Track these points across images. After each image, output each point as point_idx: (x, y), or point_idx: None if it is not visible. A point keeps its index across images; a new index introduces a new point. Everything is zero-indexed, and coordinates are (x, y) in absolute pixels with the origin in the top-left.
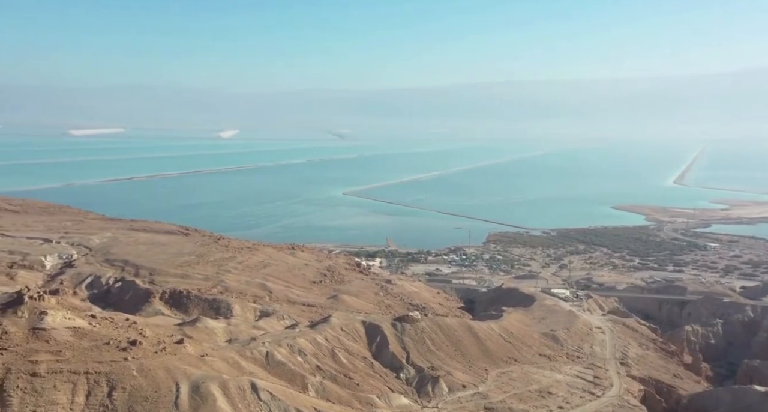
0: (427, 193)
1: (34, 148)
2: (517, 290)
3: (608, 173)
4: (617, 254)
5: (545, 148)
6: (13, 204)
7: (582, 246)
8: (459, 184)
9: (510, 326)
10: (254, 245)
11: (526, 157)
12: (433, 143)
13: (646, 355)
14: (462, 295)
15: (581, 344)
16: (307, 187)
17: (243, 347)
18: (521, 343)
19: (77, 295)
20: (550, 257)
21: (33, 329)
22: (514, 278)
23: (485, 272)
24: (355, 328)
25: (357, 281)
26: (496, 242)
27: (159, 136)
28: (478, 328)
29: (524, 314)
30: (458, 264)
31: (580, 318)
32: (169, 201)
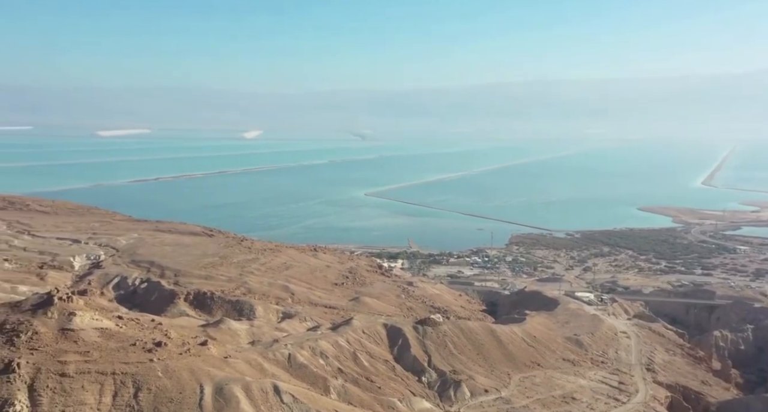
0: (449, 194)
1: (63, 149)
2: (540, 294)
3: (634, 174)
4: (643, 257)
5: (570, 149)
6: (44, 205)
7: (607, 248)
8: (482, 185)
9: (533, 330)
10: (277, 247)
11: (550, 158)
12: (456, 144)
13: (673, 361)
14: (484, 297)
15: (606, 349)
16: (329, 187)
17: (265, 349)
18: (544, 347)
19: (104, 295)
20: (574, 259)
21: (62, 329)
22: (537, 280)
23: (508, 275)
24: (376, 331)
25: (379, 283)
26: (518, 244)
27: (184, 137)
28: (501, 332)
29: (547, 317)
30: (480, 266)
31: (604, 322)
32: (194, 202)
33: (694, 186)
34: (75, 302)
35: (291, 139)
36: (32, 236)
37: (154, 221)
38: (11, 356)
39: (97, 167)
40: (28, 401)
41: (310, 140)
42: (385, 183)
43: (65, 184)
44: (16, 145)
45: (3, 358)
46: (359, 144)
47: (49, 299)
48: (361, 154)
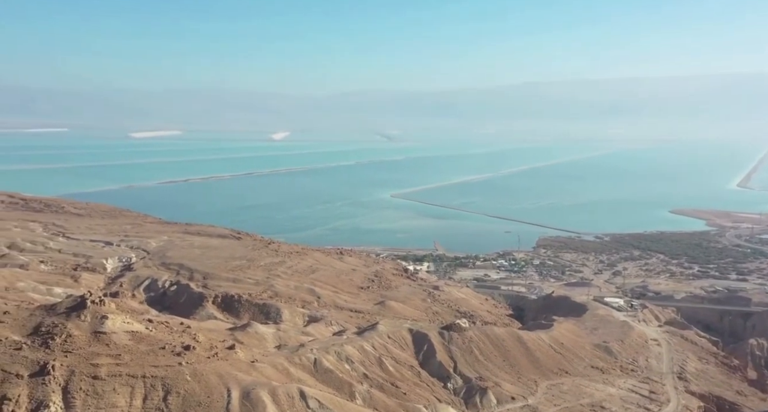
0: (476, 195)
1: (97, 150)
2: (569, 299)
3: (667, 175)
4: (675, 261)
5: (601, 150)
6: (78, 207)
7: (637, 252)
8: (509, 186)
9: (561, 337)
10: (303, 250)
11: (580, 159)
12: (483, 144)
13: (706, 369)
14: (511, 302)
15: (636, 356)
16: (355, 189)
17: (292, 353)
18: (572, 354)
19: (135, 297)
20: (603, 263)
21: (95, 332)
22: (564, 285)
23: (535, 279)
24: (402, 336)
25: (404, 286)
26: (546, 247)
27: (214, 138)
28: (528, 338)
29: (575, 324)
30: (507, 269)
31: (634, 329)
32: (223, 203)
33: (729, 188)
34: (107, 305)
35: (318, 141)
36: (67, 238)
37: (183, 223)
38: (46, 358)
39: (130, 169)
40: (62, 402)
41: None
42: (412, 184)
43: (99, 185)
44: (53, 147)
45: (38, 360)
46: (386, 145)
47: (82, 302)
48: (388, 155)
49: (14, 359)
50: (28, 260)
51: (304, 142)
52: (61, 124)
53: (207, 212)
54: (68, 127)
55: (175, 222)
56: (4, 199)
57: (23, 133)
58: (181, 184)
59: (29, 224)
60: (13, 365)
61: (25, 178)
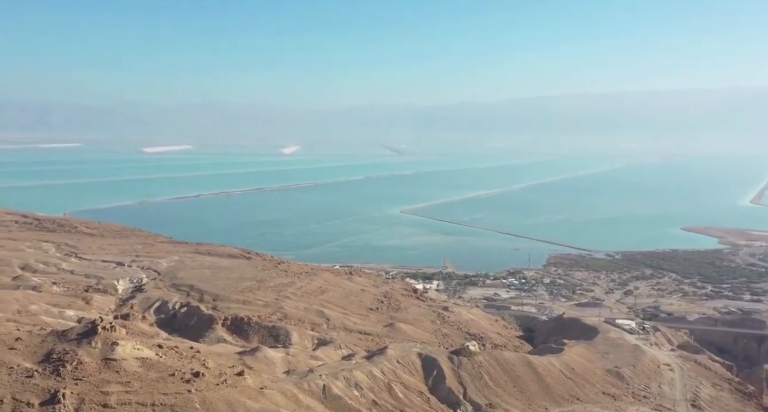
0: (485, 211)
1: (111, 165)
2: (579, 321)
3: (678, 191)
4: (687, 280)
5: (611, 164)
6: (91, 227)
7: (649, 271)
8: (519, 202)
9: (571, 362)
10: (312, 270)
11: (590, 174)
12: (493, 159)
13: (720, 396)
14: (521, 322)
15: (648, 382)
16: (365, 204)
17: (301, 379)
18: (584, 380)
19: (146, 320)
20: (614, 282)
21: (105, 359)
22: (575, 305)
23: (545, 298)
24: (411, 361)
25: (413, 308)
26: (557, 265)
27: (224, 153)
28: (538, 363)
29: (586, 348)
30: (517, 288)
31: (647, 354)
32: (234, 219)
33: (743, 204)
34: (118, 331)
35: (328, 155)
36: (79, 258)
37: (194, 243)
38: (57, 386)
39: (142, 184)
40: None
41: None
42: (421, 200)
43: (112, 201)
44: (67, 162)
45: (49, 388)
46: (395, 159)
47: (93, 328)
48: (398, 169)
49: (25, 386)
50: (41, 281)
51: (314, 156)
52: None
53: (218, 228)
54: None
55: (186, 242)
56: (18, 219)
57: (38, 148)
58: (192, 200)
59: (42, 245)
60: (24, 393)
61: (40, 193)
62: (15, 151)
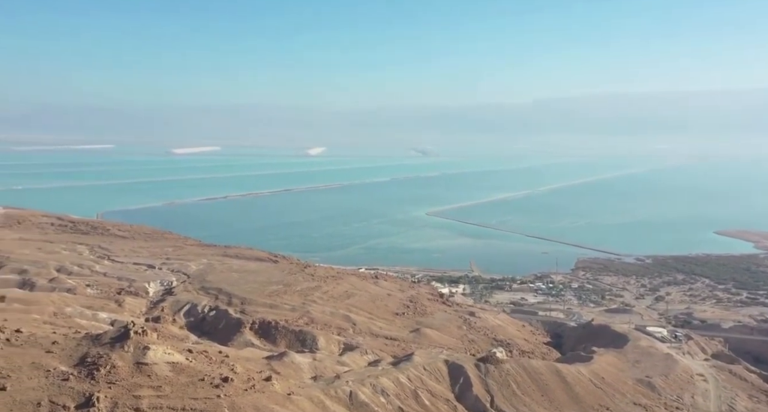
0: (512, 213)
1: (141, 166)
2: (609, 328)
3: (711, 194)
4: (721, 286)
5: (642, 166)
6: (123, 230)
7: (681, 276)
8: (547, 204)
9: (601, 371)
10: (339, 274)
11: (619, 176)
12: (520, 160)
13: (757, 409)
14: (549, 328)
15: (681, 393)
16: (391, 206)
17: (327, 385)
18: (613, 390)
19: (176, 322)
20: (645, 287)
21: (137, 363)
22: (604, 310)
23: (573, 303)
24: (437, 367)
25: (440, 313)
26: (585, 269)
27: (252, 154)
28: (567, 372)
29: (616, 356)
30: (545, 293)
31: (679, 363)
32: (260, 221)
33: None
34: (149, 335)
35: (354, 156)
36: (112, 261)
37: (222, 246)
38: (91, 389)
39: (171, 185)
40: None
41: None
42: (448, 202)
43: (142, 202)
44: (100, 164)
45: (84, 391)
46: (421, 160)
47: (125, 333)
48: (424, 171)
49: (62, 390)
50: (76, 283)
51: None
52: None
53: (245, 229)
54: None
55: (215, 244)
56: (54, 222)
57: (72, 149)
58: (220, 201)
59: (77, 247)
60: (60, 396)
61: (74, 194)
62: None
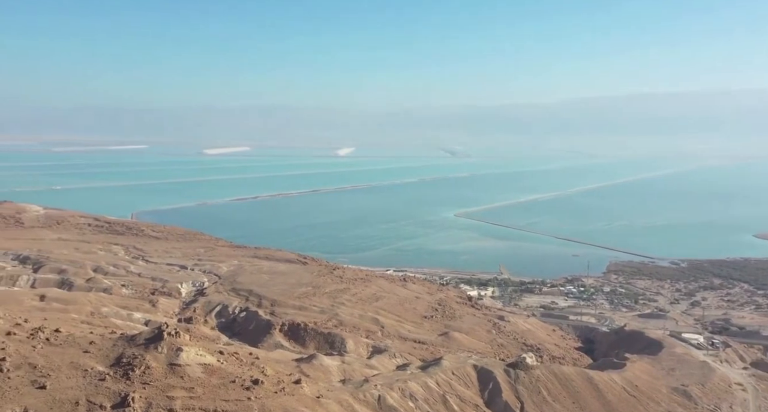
0: (542, 215)
1: (173, 167)
2: (643, 334)
3: (749, 196)
4: (761, 292)
5: (675, 167)
6: (157, 230)
7: (718, 280)
8: (578, 206)
9: (634, 378)
10: (367, 276)
11: (652, 177)
12: (551, 161)
13: None
14: (580, 333)
15: (719, 403)
16: (419, 207)
17: (356, 389)
18: (647, 398)
19: (207, 323)
20: (680, 291)
21: (170, 364)
22: (638, 315)
23: (605, 308)
24: (466, 372)
25: (468, 316)
26: (617, 273)
27: (281, 154)
28: (599, 379)
29: (650, 363)
30: (575, 297)
31: (716, 372)
32: (290, 221)
33: None
34: (182, 336)
35: (382, 156)
36: (146, 261)
37: (252, 247)
38: (127, 390)
39: (202, 186)
40: None
41: (401, 157)
42: (476, 203)
43: (175, 202)
44: (134, 164)
45: (120, 392)
46: (450, 161)
47: (159, 334)
48: (453, 171)
49: (98, 389)
50: (111, 283)
51: (368, 158)
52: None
53: (274, 230)
54: (148, 144)
55: (245, 246)
56: (91, 222)
57: (107, 150)
58: (250, 202)
59: (112, 247)
60: (97, 395)
61: (109, 194)
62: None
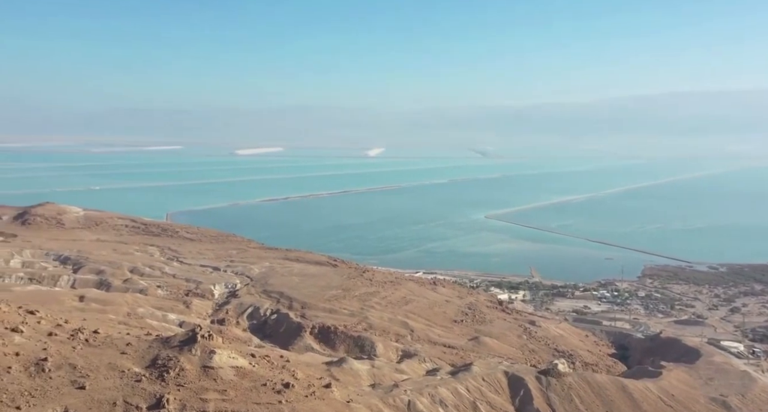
0: (575, 217)
1: (207, 168)
2: (679, 342)
3: None
4: None
5: (719, 168)
6: (191, 232)
7: (759, 286)
8: (612, 207)
9: (670, 387)
10: (397, 279)
11: (690, 178)
12: (585, 162)
13: None
14: (613, 339)
15: None
16: (449, 209)
17: (386, 394)
18: (684, 408)
19: (239, 325)
20: (719, 297)
21: (204, 367)
22: (674, 322)
23: (640, 313)
24: (497, 379)
25: (499, 321)
26: (653, 277)
27: (312, 155)
28: (634, 388)
29: (687, 372)
30: (609, 301)
31: (757, 382)
32: (320, 222)
33: None
34: (215, 339)
35: (412, 157)
36: (180, 262)
37: (283, 249)
38: (162, 391)
39: (235, 186)
40: None
41: (432, 158)
42: (507, 205)
43: (207, 203)
44: (169, 164)
45: (155, 393)
46: (481, 162)
47: (193, 336)
48: (483, 172)
49: (135, 391)
50: (147, 284)
51: (398, 159)
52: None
53: (305, 231)
54: (182, 144)
55: (276, 247)
56: (128, 224)
57: (143, 151)
58: (281, 202)
59: (148, 248)
60: (133, 396)
61: (144, 195)
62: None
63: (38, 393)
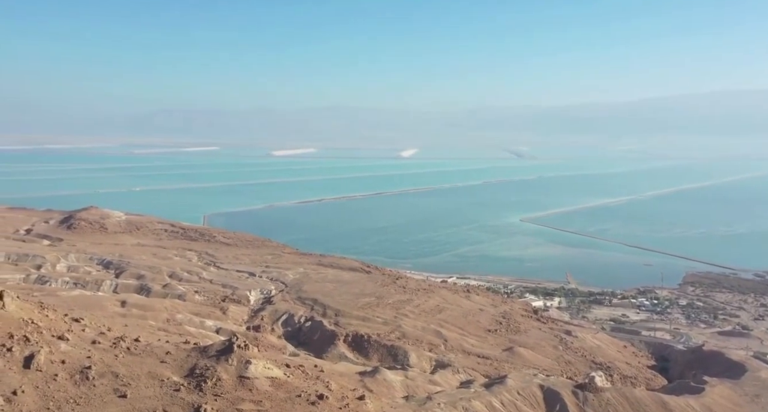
0: (613, 221)
1: (243, 169)
2: (723, 355)
3: None
4: None
5: (762, 169)
6: (227, 237)
7: None
8: (652, 211)
9: (714, 405)
10: (430, 286)
11: (735, 180)
12: (623, 163)
13: None
14: (653, 350)
15: None
16: (483, 211)
17: (419, 406)
18: None
19: (274, 332)
20: (765, 307)
21: (240, 377)
22: (717, 332)
23: (681, 323)
24: (532, 392)
25: (534, 330)
26: (694, 285)
27: (346, 156)
28: (675, 405)
29: (732, 388)
30: (648, 310)
31: None
32: (353, 224)
33: None
34: (251, 349)
35: (446, 158)
36: (217, 267)
37: (317, 254)
38: (199, 401)
39: (271, 188)
40: None
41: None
42: (543, 208)
43: (244, 204)
44: (207, 166)
45: (193, 403)
46: (516, 163)
47: (229, 346)
48: (519, 174)
49: (174, 400)
50: (186, 290)
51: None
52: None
53: (338, 233)
54: (219, 145)
55: (310, 253)
56: (167, 228)
57: (181, 151)
58: (315, 204)
59: (186, 253)
60: (172, 406)
61: (181, 196)
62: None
63: (83, 401)
